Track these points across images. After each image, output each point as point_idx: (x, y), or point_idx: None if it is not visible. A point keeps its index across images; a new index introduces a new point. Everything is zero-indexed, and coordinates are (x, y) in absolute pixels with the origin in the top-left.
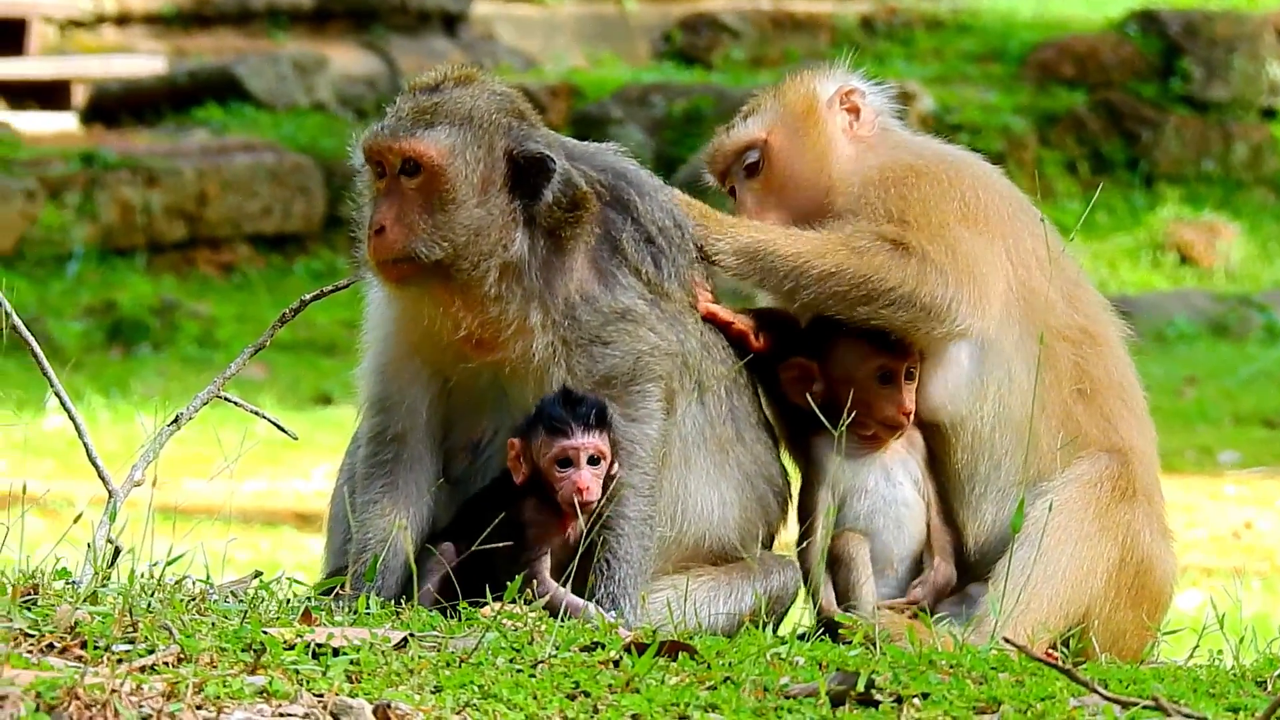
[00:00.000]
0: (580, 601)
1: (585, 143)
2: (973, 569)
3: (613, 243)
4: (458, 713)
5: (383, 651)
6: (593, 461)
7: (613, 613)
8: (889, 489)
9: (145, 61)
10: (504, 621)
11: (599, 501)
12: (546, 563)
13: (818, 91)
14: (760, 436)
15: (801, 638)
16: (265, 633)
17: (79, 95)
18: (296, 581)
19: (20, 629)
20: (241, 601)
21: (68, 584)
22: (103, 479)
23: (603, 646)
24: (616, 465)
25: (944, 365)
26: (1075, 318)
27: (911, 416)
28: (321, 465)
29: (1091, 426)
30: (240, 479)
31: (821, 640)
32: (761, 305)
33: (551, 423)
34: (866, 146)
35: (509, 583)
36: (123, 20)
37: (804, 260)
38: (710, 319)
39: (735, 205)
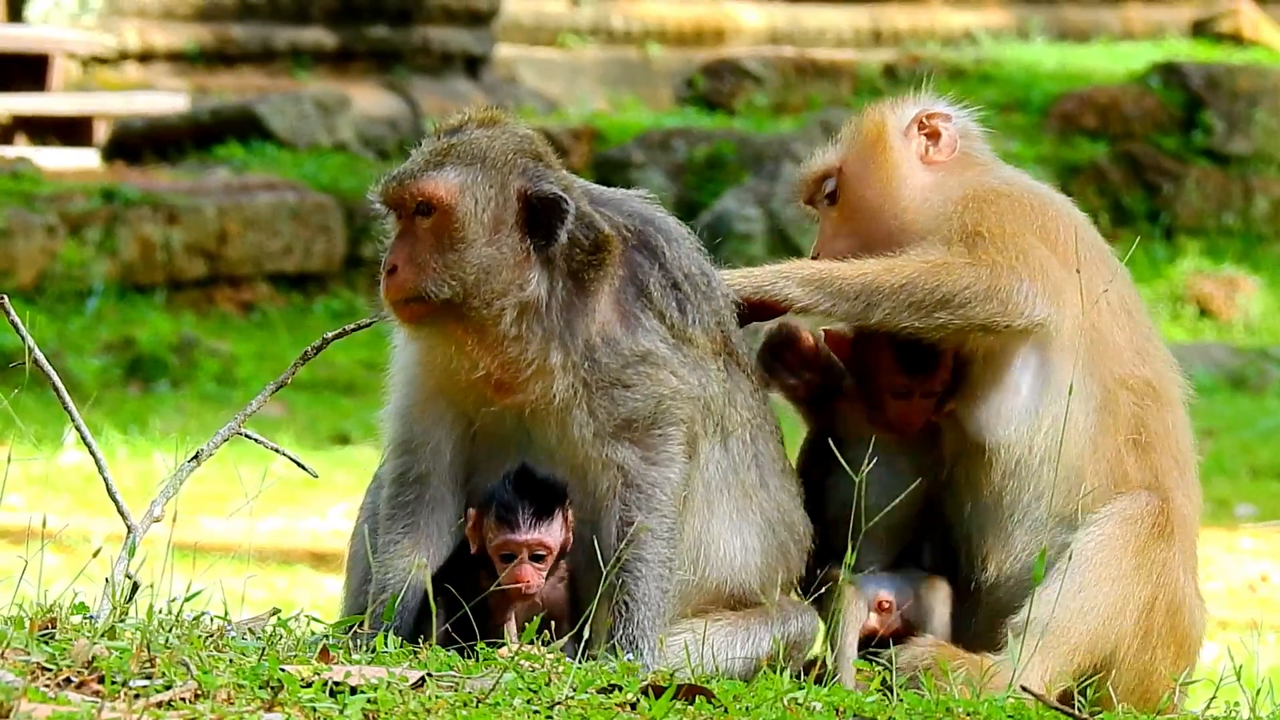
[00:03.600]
0: None
1: (612, 189)
2: (989, 593)
3: (639, 286)
4: None
5: (400, 691)
6: (536, 558)
7: (631, 655)
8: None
9: (168, 99)
10: (521, 662)
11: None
12: (512, 627)
13: (888, 118)
14: (784, 484)
15: (818, 681)
16: (283, 670)
17: (101, 132)
18: (314, 619)
19: (38, 663)
20: (259, 639)
21: (85, 619)
22: (122, 515)
23: (620, 689)
24: (637, 512)
25: (1003, 389)
26: (1142, 370)
27: (918, 426)
28: (339, 505)
29: (1137, 478)
30: (257, 517)
31: (838, 685)
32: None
33: (500, 510)
34: (946, 171)
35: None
36: (146, 57)
37: (875, 277)
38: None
39: (819, 232)
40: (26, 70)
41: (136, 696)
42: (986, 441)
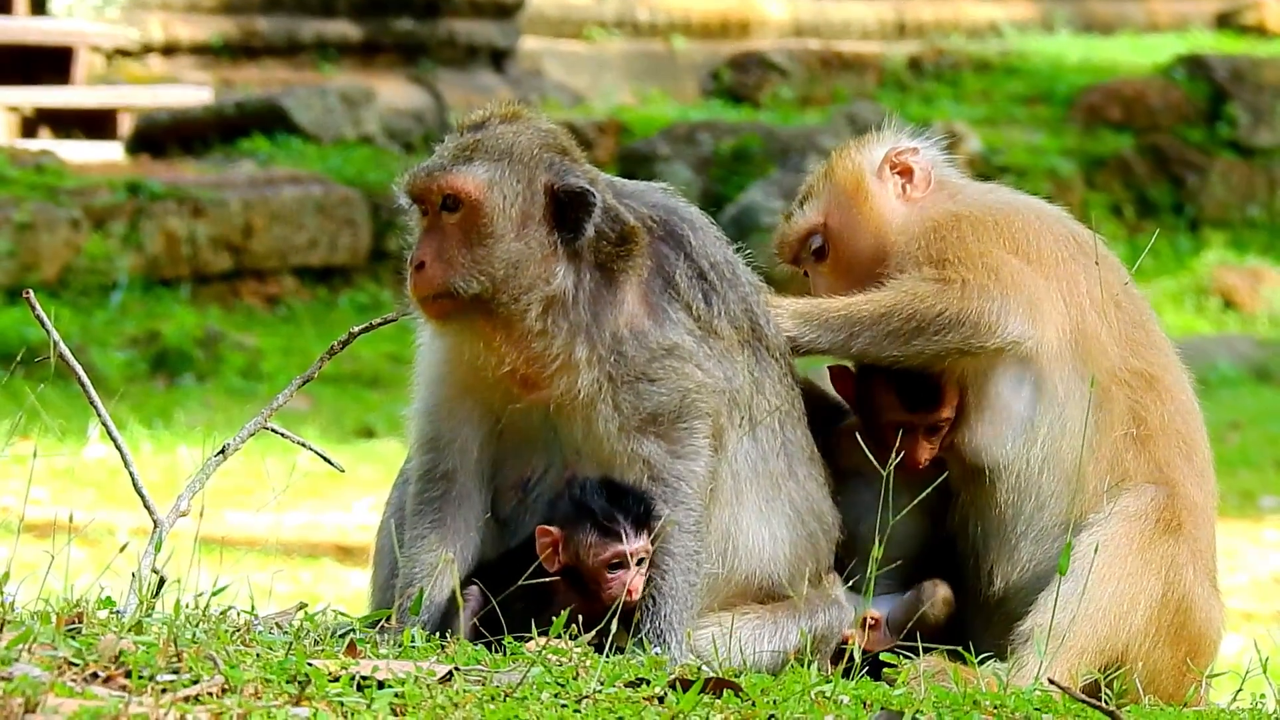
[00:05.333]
0: None
1: (635, 181)
2: (999, 606)
3: (665, 278)
4: None
5: (427, 685)
6: (641, 563)
7: (658, 649)
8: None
9: (192, 92)
10: (549, 656)
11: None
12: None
13: (863, 166)
14: (812, 472)
15: (845, 675)
16: (310, 664)
17: (125, 125)
18: (341, 614)
19: (64, 658)
20: (286, 633)
21: (112, 613)
22: (148, 509)
23: (648, 683)
24: (664, 506)
25: (996, 408)
26: (1132, 361)
27: (923, 464)
28: (364, 499)
29: (1140, 473)
30: (281, 511)
31: (866, 679)
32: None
33: (603, 524)
34: (922, 205)
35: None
36: (170, 50)
37: (855, 308)
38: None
39: (811, 289)
40: (50, 63)
41: (163, 691)
42: (986, 463)
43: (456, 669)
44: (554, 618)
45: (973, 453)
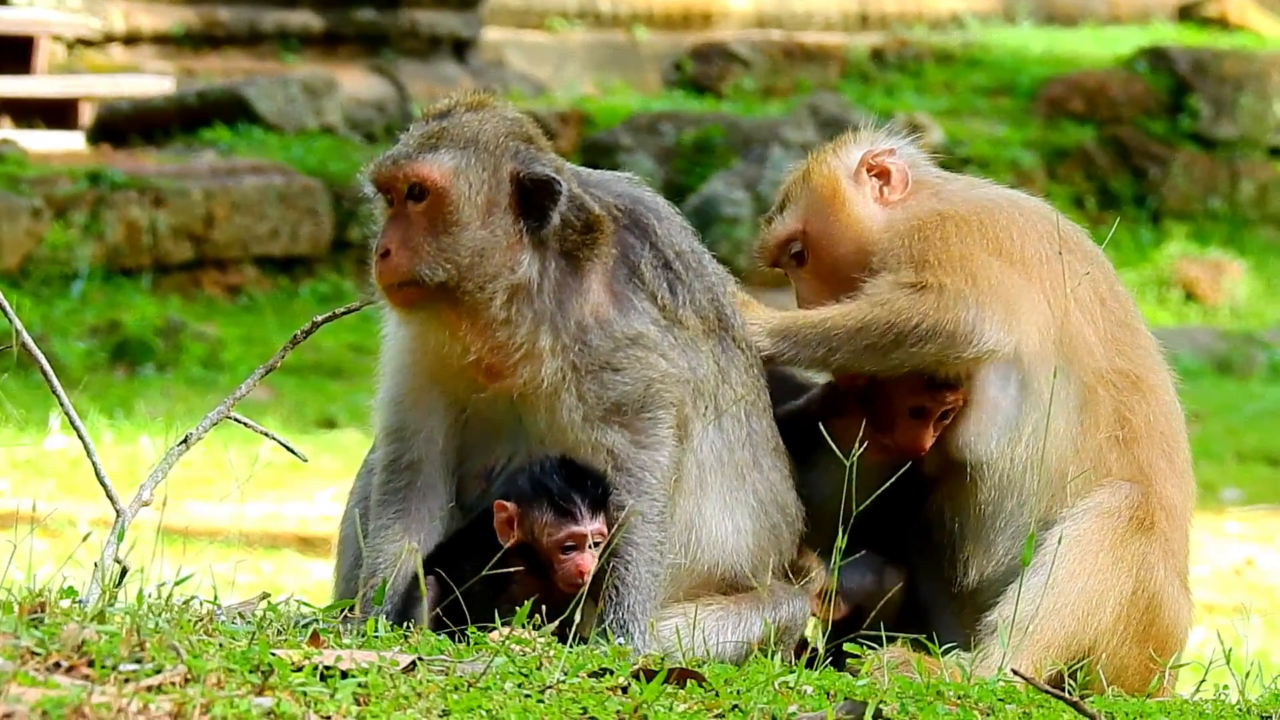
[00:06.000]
0: None
1: (600, 171)
2: (971, 600)
3: (630, 267)
4: None
5: (391, 675)
6: (596, 545)
7: (622, 639)
8: None
9: (154, 81)
10: (512, 647)
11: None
12: (525, 605)
13: (839, 170)
14: (776, 464)
15: (809, 665)
16: (273, 654)
17: (86, 114)
18: (304, 603)
19: (27, 647)
20: (249, 623)
21: (74, 603)
22: (111, 499)
23: (611, 673)
24: (627, 496)
25: (981, 407)
26: (1118, 361)
27: (926, 450)
28: (326, 489)
29: (1122, 473)
30: (243, 501)
31: (829, 669)
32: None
33: (560, 504)
34: (904, 205)
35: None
36: (131, 40)
37: (831, 322)
38: None
39: (795, 294)
40: (11, 53)
41: (126, 681)
42: (970, 459)
43: (420, 659)
44: (512, 599)
45: (958, 448)
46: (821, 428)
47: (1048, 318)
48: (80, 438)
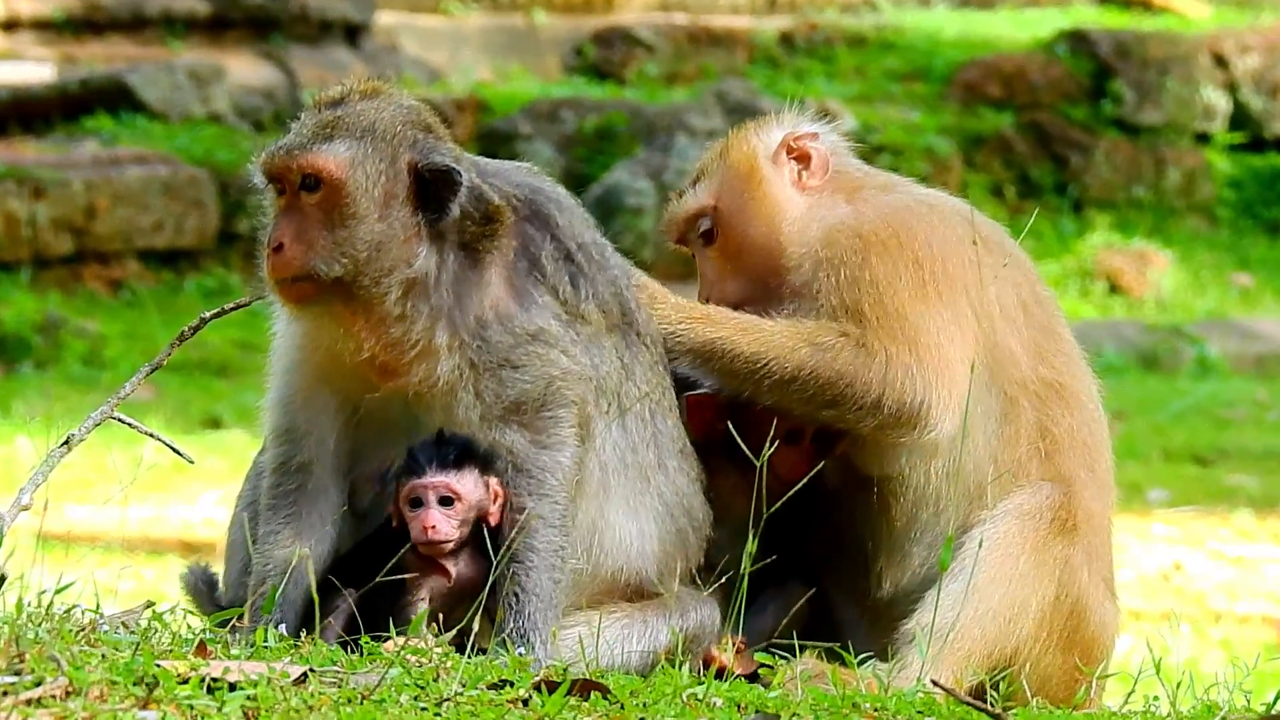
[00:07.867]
0: None
1: (499, 160)
2: (886, 610)
3: (531, 259)
4: None
5: (281, 687)
6: (445, 502)
7: (522, 649)
8: None
9: (34, 69)
10: (408, 657)
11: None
12: (422, 608)
13: (758, 149)
14: (683, 466)
15: (718, 676)
16: (158, 665)
17: None
18: (191, 612)
19: None
20: (133, 633)
21: None
22: None
23: (511, 684)
24: (527, 498)
25: None
26: (1041, 370)
27: (801, 481)
28: (210, 492)
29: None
30: (125, 505)
31: (740, 680)
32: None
33: (408, 462)
34: (818, 197)
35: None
36: (10, 26)
37: (765, 363)
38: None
39: (698, 273)
40: None
41: (4, 694)
42: (879, 474)
43: (311, 670)
44: (411, 607)
45: (863, 463)
46: (731, 427)
47: (975, 337)
48: None
